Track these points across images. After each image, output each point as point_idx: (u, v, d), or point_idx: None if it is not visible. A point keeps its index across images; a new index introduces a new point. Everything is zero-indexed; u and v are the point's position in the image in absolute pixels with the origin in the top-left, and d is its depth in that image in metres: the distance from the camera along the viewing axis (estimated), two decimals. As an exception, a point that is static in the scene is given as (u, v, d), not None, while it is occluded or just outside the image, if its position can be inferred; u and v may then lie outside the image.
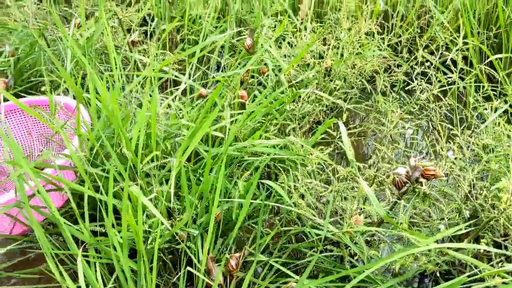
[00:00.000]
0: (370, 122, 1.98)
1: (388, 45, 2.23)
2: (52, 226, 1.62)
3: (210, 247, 1.41)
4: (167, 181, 1.62)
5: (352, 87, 1.99)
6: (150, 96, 1.56)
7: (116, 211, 1.62)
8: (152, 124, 1.32)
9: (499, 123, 1.51)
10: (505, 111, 1.85)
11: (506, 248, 1.36)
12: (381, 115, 1.95)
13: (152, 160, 1.38)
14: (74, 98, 1.84)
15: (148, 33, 2.39)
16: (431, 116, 1.76)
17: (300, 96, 1.69)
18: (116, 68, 1.67)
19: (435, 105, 1.74)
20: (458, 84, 1.85)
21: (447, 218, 1.43)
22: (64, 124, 1.48)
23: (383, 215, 1.22)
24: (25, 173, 1.24)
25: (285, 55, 1.83)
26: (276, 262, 1.42)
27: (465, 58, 2.30)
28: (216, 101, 1.86)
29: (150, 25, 2.40)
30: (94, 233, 1.40)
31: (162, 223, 1.33)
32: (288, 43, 1.96)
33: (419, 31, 2.48)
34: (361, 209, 1.41)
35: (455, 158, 1.52)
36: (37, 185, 1.24)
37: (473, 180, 1.36)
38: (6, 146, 1.71)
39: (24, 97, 1.89)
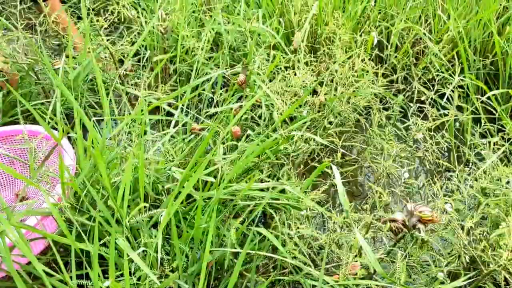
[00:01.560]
0: (365, 157, 1.94)
1: (384, 75, 2.20)
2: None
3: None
4: (157, 224, 1.57)
5: (343, 123, 1.96)
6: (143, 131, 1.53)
7: (103, 257, 1.58)
8: (140, 175, 1.28)
9: (497, 164, 1.47)
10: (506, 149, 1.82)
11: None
12: (377, 150, 1.91)
13: (140, 211, 1.33)
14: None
15: (141, 64, 2.36)
16: (428, 154, 1.72)
17: (293, 137, 1.66)
18: (105, 103, 1.63)
19: (432, 141, 1.70)
20: (454, 119, 1.82)
21: (445, 264, 1.38)
22: (40, 168, 1.43)
23: (379, 271, 1.17)
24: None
25: (277, 92, 1.80)
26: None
27: (461, 87, 2.27)
28: (207, 137, 1.83)
29: (143, 56, 2.37)
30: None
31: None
32: (282, 76, 1.92)
33: (415, 60, 2.45)
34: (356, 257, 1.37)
35: (453, 200, 1.48)
36: (17, 239, 1.19)
37: (471, 228, 1.32)
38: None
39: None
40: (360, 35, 2.39)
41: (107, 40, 2.13)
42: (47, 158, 1.47)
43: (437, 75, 1.99)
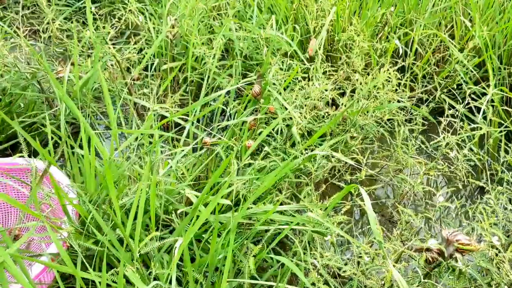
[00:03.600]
0: (389, 173, 1.82)
1: (406, 85, 2.08)
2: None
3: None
4: (169, 251, 1.46)
5: (365, 137, 1.84)
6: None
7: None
8: (151, 203, 1.17)
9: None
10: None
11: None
12: (401, 165, 1.80)
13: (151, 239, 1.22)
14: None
15: (149, 73, 2.25)
16: (457, 171, 1.60)
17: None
18: (112, 116, 1.52)
19: (463, 158, 1.58)
20: (485, 132, 1.70)
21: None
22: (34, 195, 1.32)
23: (418, 309, 1.06)
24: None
25: (295, 105, 1.68)
26: None
27: (484, 94, 2.15)
28: (219, 151, 1.71)
29: (151, 64, 2.26)
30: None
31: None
32: (299, 87, 1.81)
33: (436, 68, 2.33)
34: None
35: (490, 225, 1.36)
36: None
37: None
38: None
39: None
40: (378, 42, 2.27)
41: (114, 47, 2.02)
42: (42, 180, 1.36)
43: (468, 88, 1.86)
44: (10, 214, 1.73)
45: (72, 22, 2.39)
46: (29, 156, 1.48)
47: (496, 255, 1.21)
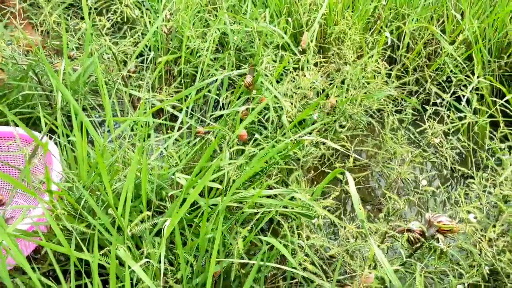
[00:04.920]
0: (377, 162, 1.86)
1: (397, 76, 2.12)
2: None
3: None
4: (160, 231, 1.50)
5: (355, 126, 1.88)
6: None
7: (104, 266, 1.51)
8: (142, 183, 1.21)
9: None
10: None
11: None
12: (389, 154, 1.84)
13: (142, 220, 1.26)
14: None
15: (144, 66, 2.29)
16: (444, 159, 1.64)
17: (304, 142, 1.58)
18: (107, 104, 1.56)
19: (448, 145, 1.62)
20: (470, 121, 1.74)
21: (466, 276, 1.30)
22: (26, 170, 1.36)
23: (397, 284, 1.09)
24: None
25: (286, 94, 1.72)
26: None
27: (475, 89, 2.19)
28: (212, 140, 1.75)
29: (147, 58, 2.30)
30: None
31: None
32: (291, 78, 1.85)
33: (427, 61, 2.37)
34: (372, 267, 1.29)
35: (473, 207, 1.40)
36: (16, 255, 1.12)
37: (493, 240, 1.24)
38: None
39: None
40: (371, 35, 2.31)
41: (110, 41, 2.06)
42: (32, 158, 1.39)
43: (454, 77, 1.90)
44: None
45: (69, 16, 2.43)
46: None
47: (474, 233, 1.25)
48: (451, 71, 2.15)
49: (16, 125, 1.85)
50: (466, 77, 1.86)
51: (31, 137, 1.33)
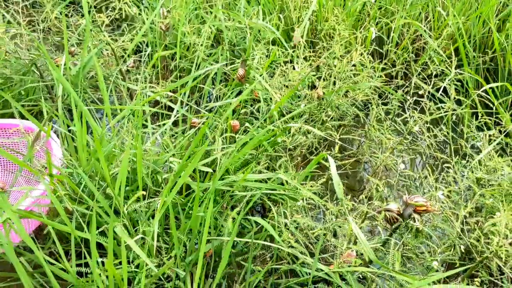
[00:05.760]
0: (364, 151, 1.96)
1: (383, 69, 2.22)
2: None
3: (199, 286, 1.38)
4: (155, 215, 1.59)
5: (342, 118, 1.97)
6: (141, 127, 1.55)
7: (102, 246, 1.60)
8: (138, 164, 1.30)
9: (493, 155, 1.48)
10: (502, 140, 1.83)
11: (501, 286, 1.33)
12: (375, 144, 1.93)
13: (138, 199, 1.35)
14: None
15: (142, 61, 2.38)
16: (425, 148, 1.73)
17: (290, 130, 1.67)
18: (105, 95, 1.65)
19: (430, 134, 1.71)
20: (452, 113, 1.83)
21: (440, 253, 1.39)
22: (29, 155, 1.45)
23: (373, 259, 1.18)
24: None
25: (276, 87, 1.82)
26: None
27: (460, 81, 2.29)
28: (203, 127, 1.85)
29: (144, 53, 2.40)
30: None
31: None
32: (281, 71, 1.94)
33: (414, 56, 2.47)
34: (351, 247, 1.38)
35: (450, 191, 1.49)
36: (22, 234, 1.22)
37: (465, 217, 1.33)
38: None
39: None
40: (360, 32, 2.40)
41: (110, 37, 2.15)
42: (35, 142, 1.48)
43: (435, 69, 2.00)
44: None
45: (69, 13, 2.52)
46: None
47: (443, 209, 1.34)
48: (432, 61, 2.24)
49: (21, 116, 1.95)
50: (450, 70, 1.95)
51: (35, 124, 1.42)
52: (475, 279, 1.26)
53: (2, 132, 1.87)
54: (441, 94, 2.04)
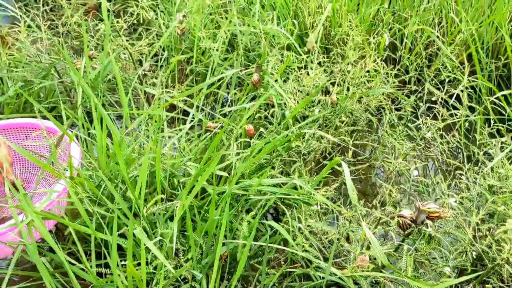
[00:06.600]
0: (377, 156, 1.98)
1: (396, 75, 2.24)
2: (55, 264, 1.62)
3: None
4: (173, 217, 1.63)
5: (355, 123, 2.00)
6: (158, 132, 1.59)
7: (121, 246, 1.64)
8: (156, 168, 1.34)
9: (505, 162, 1.50)
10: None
11: (513, 292, 1.35)
12: (387, 149, 1.95)
13: (156, 203, 1.39)
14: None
15: (159, 65, 2.42)
16: (437, 154, 1.75)
17: (304, 135, 1.70)
18: (124, 99, 1.70)
19: (442, 141, 1.73)
20: (465, 119, 1.85)
21: (452, 259, 1.41)
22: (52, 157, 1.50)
23: (386, 264, 1.21)
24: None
25: (290, 92, 1.85)
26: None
27: (474, 88, 2.30)
28: (220, 132, 1.88)
29: (161, 57, 2.44)
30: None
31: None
32: (295, 76, 1.97)
33: (428, 62, 2.48)
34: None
35: (462, 198, 1.51)
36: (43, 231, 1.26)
37: (477, 224, 1.35)
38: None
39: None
40: (374, 37, 2.42)
41: (127, 41, 2.20)
42: (58, 145, 1.53)
43: (448, 76, 2.02)
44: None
45: (88, 18, 2.58)
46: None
47: (456, 217, 1.36)
48: (445, 68, 2.26)
49: (43, 117, 2.00)
50: (462, 77, 1.97)
51: (58, 128, 1.46)
52: (487, 286, 1.28)
53: (20, 132, 1.92)
54: (453, 100, 2.06)
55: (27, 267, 1.73)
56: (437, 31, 2.47)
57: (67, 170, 1.54)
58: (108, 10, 2.30)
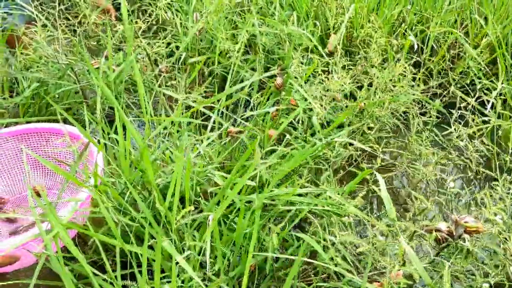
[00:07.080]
0: (403, 163, 1.93)
1: (420, 79, 2.18)
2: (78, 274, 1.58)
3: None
4: (198, 228, 1.58)
5: (382, 128, 1.95)
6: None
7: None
8: (186, 177, 1.29)
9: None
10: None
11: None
12: (415, 156, 1.90)
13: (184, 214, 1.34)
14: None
15: (176, 67, 2.37)
16: (469, 162, 1.70)
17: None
18: (145, 105, 1.65)
19: (473, 148, 1.68)
20: (497, 127, 1.79)
21: (491, 275, 1.37)
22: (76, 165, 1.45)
23: (426, 279, 1.16)
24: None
25: (315, 96, 1.79)
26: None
27: (501, 93, 2.24)
28: (243, 139, 1.83)
29: (179, 58, 2.39)
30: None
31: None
32: (320, 80, 1.92)
33: (451, 64, 2.42)
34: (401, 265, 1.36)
35: (498, 209, 1.46)
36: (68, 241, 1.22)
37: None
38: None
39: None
40: (396, 39, 2.37)
41: (146, 42, 2.15)
42: (82, 156, 1.48)
43: (479, 82, 1.96)
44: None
45: (106, 18, 2.52)
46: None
47: (500, 233, 1.31)
48: (475, 74, 2.20)
49: (64, 121, 1.96)
50: (490, 82, 1.91)
51: (86, 138, 1.42)
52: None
53: (40, 136, 1.87)
54: (479, 104, 2.00)
55: (46, 274, 1.69)
56: (460, 32, 2.41)
57: (90, 178, 1.49)
58: (127, 10, 2.25)
